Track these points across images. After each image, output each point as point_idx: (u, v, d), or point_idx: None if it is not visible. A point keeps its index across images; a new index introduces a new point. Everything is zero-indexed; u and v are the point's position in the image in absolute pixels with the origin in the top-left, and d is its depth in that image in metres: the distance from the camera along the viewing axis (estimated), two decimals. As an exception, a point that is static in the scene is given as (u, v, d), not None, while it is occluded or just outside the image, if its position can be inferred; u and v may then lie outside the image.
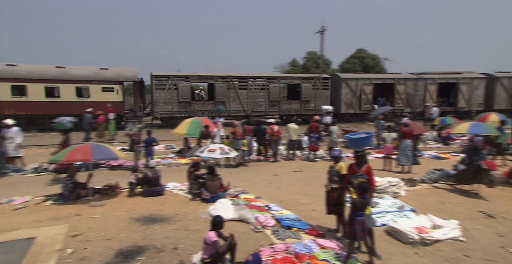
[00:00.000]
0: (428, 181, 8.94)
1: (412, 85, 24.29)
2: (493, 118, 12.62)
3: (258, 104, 21.73)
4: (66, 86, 18.54)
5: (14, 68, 18.09)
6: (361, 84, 23.33)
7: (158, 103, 20.12)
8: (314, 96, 22.70)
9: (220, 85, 21.00)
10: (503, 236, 5.70)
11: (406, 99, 24.18)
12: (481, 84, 25.22)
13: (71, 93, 18.69)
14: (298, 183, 9.05)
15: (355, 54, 50.49)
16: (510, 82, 25.43)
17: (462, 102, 25.00)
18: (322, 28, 19.72)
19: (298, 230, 5.67)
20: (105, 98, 19.11)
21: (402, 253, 5.17)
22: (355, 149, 5.81)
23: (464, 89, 24.74)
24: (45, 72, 18.52)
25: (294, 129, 12.43)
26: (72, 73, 18.89)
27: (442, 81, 24.74)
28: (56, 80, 18.48)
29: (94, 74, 19.28)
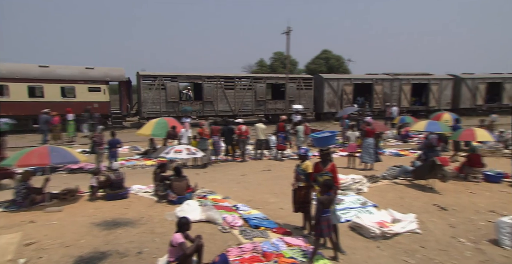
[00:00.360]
0: (389, 177, 9.36)
1: (389, 85, 25.60)
2: (445, 117, 13.51)
3: (245, 103, 22.02)
4: (50, 86, 17.94)
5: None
6: (342, 84, 24.24)
7: (146, 103, 19.95)
8: (299, 96, 23.32)
9: (208, 85, 21.12)
10: (454, 227, 6.11)
11: (383, 98, 25.40)
12: (449, 84, 27.09)
13: (56, 93, 18.14)
14: (266, 183, 9.13)
15: (320, 55, 51.83)
16: (473, 83, 27.47)
17: (432, 101, 26.69)
18: (288, 29, 20.02)
19: (266, 229, 5.72)
20: (91, 98, 18.67)
21: (365, 247, 5.38)
22: (320, 147, 5.95)
23: (434, 89, 26.50)
24: (28, 72, 17.82)
25: (262, 129, 12.53)
26: (56, 73, 18.33)
27: (415, 81, 26.36)
28: (40, 80, 17.86)
29: (80, 73, 18.83)
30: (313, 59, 52.27)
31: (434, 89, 26.36)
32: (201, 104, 21.25)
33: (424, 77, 26.89)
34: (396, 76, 26.19)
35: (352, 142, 11.34)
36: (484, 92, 27.68)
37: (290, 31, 19.92)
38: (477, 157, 9.28)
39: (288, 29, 19.85)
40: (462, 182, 8.87)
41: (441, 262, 4.90)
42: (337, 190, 5.60)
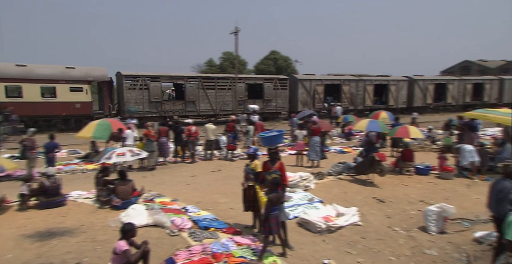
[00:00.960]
0: (334, 173, 9.85)
1: (355, 85, 27.43)
2: (383, 115, 14.58)
3: (225, 103, 22.57)
4: (29, 85, 17.26)
5: None
6: (314, 85, 25.56)
7: (129, 103, 19.83)
8: (275, 96, 24.38)
9: (190, 85, 21.44)
10: (390, 218, 6.63)
11: (350, 98, 27.21)
12: (405, 85, 29.73)
13: (36, 93, 17.46)
14: (216, 183, 9.08)
15: (268, 55, 52.78)
16: (424, 84, 30.49)
17: (391, 100, 29.10)
18: (236, 29, 20.11)
19: (216, 229, 5.69)
20: (73, 98, 18.23)
21: (312, 241, 5.61)
22: (269, 146, 6.07)
23: (393, 89, 28.99)
24: (4, 71, 17.02)
25: (212, 129, 12.41)
26: (35, 72, 17.68)
27: (377, 82, 28.55)
28: (18, 80, 17.13)
29: (60, 73, 18.28)
30: (262, 59, 53.08)
31: (392, 89, 28.89)
32: (183, 104, 21.54)
33: (384, 78, 29.44)
34: (360, 77, 28.39)
35: (300, 141, 11.73)
36: (432, 92, 30.87)
37: (238, 31, 20.03)
38: (410, 152, 10.17)
39: (236, 29, 19.93)
40: (397, 176, 9.65)
41: (379, 251, 5.29)
42: (286, 187, 5.75)
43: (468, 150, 9.50)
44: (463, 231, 5.72)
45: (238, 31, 19.98)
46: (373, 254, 5.18)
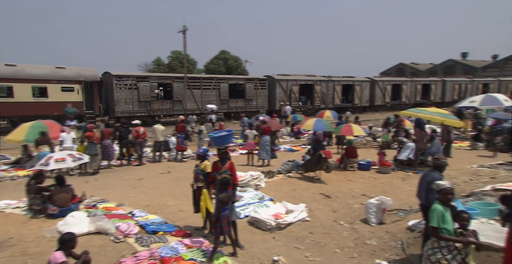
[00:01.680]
0: (283, 171, 10.09)
1: (325, 85, 29.35)
2: (327, 114, 15.32)
3: (210, 102, 23.31)
4: (20, 85, 17.18)
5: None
6: (290, 85, 27.29)
7: (119, 103, 20.10)
8: (256, 95, 25.78)
9: (178, 85, 22.24)
10: (336, 212, 6.98)
11: (321, 97, 29.05)
12: (367, 85, 32.17)
13: (27, 93, 17.38)
14: (165, 185, 8.81)
15: (219, 55, 52.50)
16: (383, 84, 33.28)
17: (357, 99, 31.50)
18: (184, 27, 19.63)
19: (165, 233, 5.52)
20: (64, 98, 18.26)
21: (262, 239, 5.69)
22: (218, 147, 6.04)
23: (357, 89, 31.28)
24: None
25: (160, 130, 12.02)
26: (26, 72, 17.60)
27: (344, 83, 30.71)
28: (8, 79, 16.94)
29: (51, 73, 18.30)
30: (212, 59, 52.66)
31: (357, 89, 31.24)
32: (171, 103, 22.32)
33: (350, 79, 31.83)
34: (330, 78, 30.37)
35: (251, 140, 11.84)
36: (390, 92, 33.74)
37: (186, 30, 19.58)
38: (353, 149, 10.79)
39: (184, 28, 19.45)
40: (342, 172, 10.17)
41: (325, 244, 5.54)
42: (236, 187, 5.77)
43: (409, 146, 10.31)
44: (399, 221, 6.22)
45: (186, 29, 19.54)
46: (320, 248, 5.41)
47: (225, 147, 5.90)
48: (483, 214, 5.49)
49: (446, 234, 3.41)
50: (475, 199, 6.60)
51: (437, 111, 10.86)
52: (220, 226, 4.82)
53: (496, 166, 9.93)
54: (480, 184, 8.23)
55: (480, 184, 8.16)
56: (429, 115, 10.52)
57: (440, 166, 4.95)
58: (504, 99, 15.50)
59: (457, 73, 62.17)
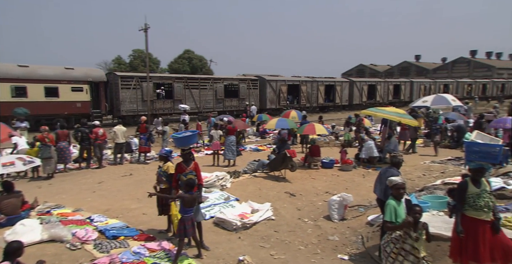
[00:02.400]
0: (249, 171, 10.14)
1: (310, 86, 31.30)
2: (293, 114, 15.60)
3: (207, 101, 24.76)
4: (34, 85, 17.89)
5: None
6: (279, 85, 28.91)
7: (124, 102, 20.99)
8: (248, 95, 27.21)
9: (178, 85, 23.51)
10: (300, 210, 7.13)
11: (307, 96, 31.01)
12: (347, 86, 34.47)
13: (40, 93, 18.08)
14: (127, 188, 8.51)
15: (183, 54, 51.62)
16: (361, 84, 35.65)
17: (337, 98, 33.60)
18: (146, 25, 19.00)
19: (126, 238, 5.33)
20: (74, 98, 18.99)
21: (228, 240, 5.68)
22: (182, 147, 5.93)
23: (338, 89, 33.48)
24: (9, 71, 17.64)
25: (122, 132, 11.57)
26: (39, 73, 18.41)
27: (327, 83, 32.93)
28: (23, 80, 17.66)
29: (62, 73, 19.03)
30: (176, 58, 51.67)
31: (338, 89, 33.42)
32: (172, 102, 23.44)
33: (332, 79, 34.25)
34: (314, 79, 32.45)
35: (216, 141, 11.76)
36: (366, 92, 36.15)
37: (148, 28, 18.96)
38: (317, 148, 11.08)
39: (146, 26, 18.83)
40: (306, 170, 10.41)
41: (290, 242, 5.65)
42: (202, 188, 5.71)
43: (370, 145, 10.76)
44: (359, 216, 6.49)
45: (148, 28, 18.92)
46: (285, 246, 5.51)
47: (189, 148, 5.81)
48: (434, 206, 5.88)
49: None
50: (427, 193, 7.05)
51: (394, 111, 11.45)
52: (184, 228, 4.75)
53: (446, 162, 10.67)
54: (432, 179, 8.79)
55: (432, 179, 8.72)
56: (386, 114, 11.06)
57: (397, 163, 5.27)
58: (452, 99, 16.71)
59: (411, 74, 66.22)
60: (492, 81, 48.95)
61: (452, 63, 67.95)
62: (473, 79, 49.03)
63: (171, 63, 51.70)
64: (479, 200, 3.70)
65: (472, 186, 3.79)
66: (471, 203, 3.74)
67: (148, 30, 19.04)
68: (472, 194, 3.75)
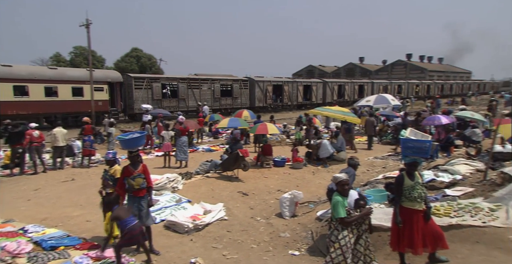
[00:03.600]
0: (201, 172, 10.00)
1: (291, 86, 34.16)
2: (245, 114, 15.69)
3: (206, 100, 26.65)
4: (63, 86, 19.69)
5: (13, 69, 18.44)
6: (266, 85, 31.63)
7: (137, 101, 22.82)
8: (240, 94, 29.73)
9: (182, 85, 25.87)
10: (253, 209, 7.20)
11: (289, 95, 33.74)
12: (321, 86, 37.56)
13: (68, 92, 19.86)
14: (68, 194, 7.92)
15: (130, 53, 49.41)
16: (332, 84, 38.92)
17: (314, 97, 36.61)
18: (88, 21, 17.74)
19: (67, 247, 4.95)
20: (96, 97, 20.25)
21: (179, 243, 5.54)
22: (129, 149, 5.66)
23: (314, 89, 36.72)
24: (42, 73, 19.43)
25: (62, 134, 10.72)
26: (67, 74, 20.48)
27: (305, 83, 36.38)
28: (54, 81, 19.44)
29: (85, 75, 20.48)
30: (123, 56, 49.33)
31: (314, 89, 36.84)
32: (177, 101, 25.64)
33: (309, 80, 38.50)
34: (294, 79, 36.05)
35: (167, 142, 11.42)
36: (337, 91, 39.19)
37: (90, 24, 17.74)
38: (269, 147, 11.26)
39: (87, 22, 17.59)
40: (259, 169, 10.54)
41: (242, 241, 5.67)
42: (151, 190, 5.51)
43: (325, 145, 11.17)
44: (309, 212, 6.71)
45: (90, 23, 17.70)
46: (237, 245, 5.52)
47: (137, 150, 5.56)
48: (376, 200, 6.30)
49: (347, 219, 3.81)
50: (370, 187, 7.53)
51: (339, 110, 12.06)
52: (130, 238, 4.52)
53: (386, 157, 11.48)
54: (374, 173, 9.41)
55: (375, 174, 9.33)
56: (332, 113, 11.60)
57: (354, 165, 5.96)
58: (391, 98, 18.08)
59: (356, 75, 70.35)
60: (435, 82, 55.83)
61: (392, 65, 73.46)
62: (419, 80, 54.93)
63: (118, 61, 49.17)
64: (414, 192, 4.03)
65: (407, 179, 4.12)
66: (407, 194, 4.06)
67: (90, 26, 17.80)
68: (408, 186, 4.07)
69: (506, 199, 5.00)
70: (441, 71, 75.05)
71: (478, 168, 7.54)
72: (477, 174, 7.13)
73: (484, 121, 10.13)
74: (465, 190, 6.23)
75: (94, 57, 43.32)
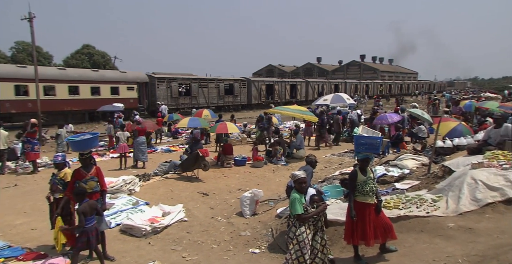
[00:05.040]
0: (160, 173, 9.72)
1: (280, 85, 37.56)
2: (205, 113, 15.52)
3: (213, 98, 30.18)
4: (104, 86, 23.08)
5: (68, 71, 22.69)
6: (260, 85, 35.11)
7: (159, 98, 25.40)
8: (240, 93, 32.87)
9: (194, 85, 28.83)
10: (214, 209, 7.14)
11: (278, 94, 37.10)
12: (304, 85, 41.04)
13: (108, 91, 23.15)
14: (10, 201, 7.31)
15: (81, 50, 46.73)
16: (313, 84, 42.36)
17: (298, 95, 39.75)
18: (30, 14, 16.32)
19: (7, 259, 4.58)
20: (128, 95, 24.01)
21: (136, 247, 5.35)
22: (80, 151, 5.35)
23: (299, 88, 40.11)
24: (88, 75, 22.92)
25: (4, 137, 9.85)
26: (107, 76, 24.15)
27: (291, 83, 39.88)
28: (97, 82, 22.85)
29: (120, 76, 24.53)
30: (73, 53, 46.53)
31: (298, 88, 40.12)
32: (190, 98, 28.54)
33: (294, 80, 42.15)
34: (282, 79, 40.05)
35: (123, 143, 10.95)
36: (317, 90, 42.14)
37: (34, 18, 16.33)
38: (229, 146, 11.23)
39: (30, 15, 16.19)
40: (220, 169, 10.48)
41: (202, 242, 5.60)
42: (105, 194, 5.26)
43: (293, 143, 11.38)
44: (269, 210, 6.80)
45: (33, 17, 16.29)
46: (197, 246, 5.45)
47: (89, 152, 5.27)
48: (333, 195, 6.55)
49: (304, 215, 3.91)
50: (327, 183, 7.80)
51: (297, 109, 12.35)
52: (87, 240, 4.31)
53: (343, 154, 11.98)
54: (331, 170, 9.77)
55: (332, 170, 9.69)
56: (290, 112, 11.85)
57: (311, 163, 6.12)
58: (347, 97, 18.89)
59: (314, 75, 72.59)
60: (395, 82, 61.70)
61: (347, 66, 76.73)
62: (382, 80, 60.26)
63: (67, 58, 46.23)
64: (366, 186, 4.24)
65: (360, 174, 4.33)
66: (360, 189, 4.26)
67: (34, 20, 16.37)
68: (360, 181, 4.28)
69: (446, 190, 5.44)
70: (391, 71, 79.80)
71: (423, 162, 8.12)
72: (423, 168, 7.68)
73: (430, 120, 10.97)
74: (412, 183, 6.68)
75: (39, 53, 40.28)
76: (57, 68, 22.73)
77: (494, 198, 4.82)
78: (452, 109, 15.13)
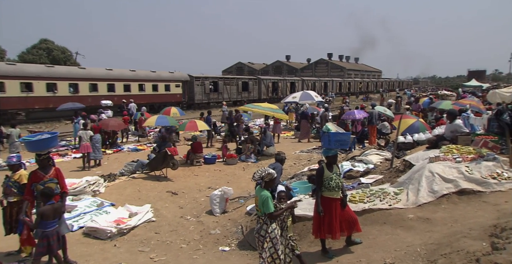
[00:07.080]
0: (127, 173, 9.42)
1: (283, 82, 41.65)
2: (173, 111, 15.21)
3: (233, 93, 34.26)
4: (161, 84, 27.81)
5: (110, 72, 24.84)
6: (267, 82, 39.42)
7: (197, 94, 30.70)
8: (253, 89, 37.19)
9: (220, 82, 32.98)
10: (183, 208, 7.04)
11: (281, 90, 40.58)
12: (300, 82, 43.73)
13: (162, 88, 27.94)
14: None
15: (39, 44, 44.07)
16: (308, 82, 45.27)
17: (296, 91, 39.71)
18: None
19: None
20: (176, 91, 29.13)
21: (101, 250, 5.17)
22: (38, 152, 5.05)
23: (297, 85, 43.08)
24: (148, 75, 27.57)
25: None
26: (162, 76, 28.44)
27: (291, 81, 43.53)
28: (156, 80, 27.69)
29: (170, 76, 29.20)
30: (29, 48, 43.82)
31: (297, 85, 43.42)
32: (217, 94, 32.57)
33: (293, 78, 46.38)
34: (284, 77, 44.66)
35: (85, 142, 10.47)
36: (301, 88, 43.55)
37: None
38: (199, 145, 11.09)
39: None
40: (189, 167, 10.33)
41: (171, 242, 5.51)
42: (66, 196, 5.01)
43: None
44: (239, 207, 6.80)
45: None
46: (166, 247, 5.35)
47: (47, 152, 4.99)
48: (301, 191, 6.67)
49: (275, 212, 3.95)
50: (296, 179, 7.94)
51: (268, 106, 12.44)
52: (47, 244, 4.10)
53: (311, 151, 12.22)
54: (300, 166, 9.94)
55: (301, 167, 9.86)
56: (261, 110, 11.91)
57: (281, 160, 6.26)
58: (315, 95, 19.29)
59: (283, 72, 73.39)
60: (371, 80, 65.64)
61: (315, 64, 78.26)
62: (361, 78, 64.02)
63: (23, 53, 43.43)
64: (332, 182, 4.36)
65: (327, 170, 4.44)
66: (326, 185, 4.37)
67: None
68: (327, 177, 4.38)
69: (406, 183, 5.72)
70: (357, 69, 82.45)
71: (386, 157, 8.48)
72: (386, 163, 8.02)
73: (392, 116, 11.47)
74: (376, 178, 6.97)
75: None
76: (105, 69, 24.98)
77: (448, 190, 5.13)
78: (412, 106, 15.92)
